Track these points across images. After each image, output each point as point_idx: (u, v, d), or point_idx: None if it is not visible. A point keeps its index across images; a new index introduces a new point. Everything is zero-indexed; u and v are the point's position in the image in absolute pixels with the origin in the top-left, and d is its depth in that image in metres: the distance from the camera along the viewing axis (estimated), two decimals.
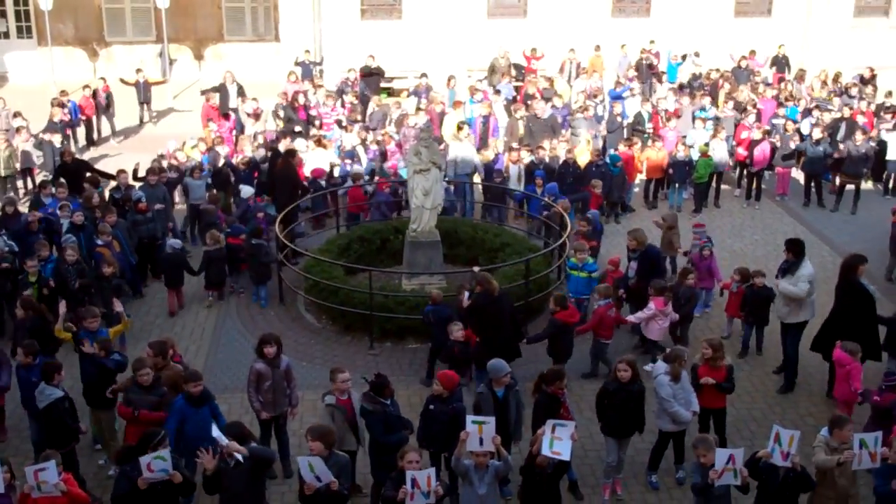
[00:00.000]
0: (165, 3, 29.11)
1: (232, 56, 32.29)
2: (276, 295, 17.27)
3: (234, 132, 23.65)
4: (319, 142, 21.71)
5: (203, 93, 25.13)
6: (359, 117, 23.89)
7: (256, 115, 23.94)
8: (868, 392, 12.77)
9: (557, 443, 10.00)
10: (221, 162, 20.64)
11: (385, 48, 28.51)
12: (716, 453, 9.96)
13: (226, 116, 24.31)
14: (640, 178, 22.52)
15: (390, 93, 28.69)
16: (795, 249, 14.39)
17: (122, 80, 27.56)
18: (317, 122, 23.90)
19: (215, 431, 9.94)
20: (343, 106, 24.93)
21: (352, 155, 21.49)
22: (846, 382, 13.09)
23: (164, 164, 20.34)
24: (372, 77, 27.13)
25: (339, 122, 23.53)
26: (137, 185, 19.00)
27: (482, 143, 22.82)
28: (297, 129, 23.53)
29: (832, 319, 14.38)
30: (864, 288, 14.38)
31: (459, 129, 21.59)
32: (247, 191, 19.43)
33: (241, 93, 25.51)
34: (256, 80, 27.95)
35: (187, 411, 11.17)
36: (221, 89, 25.37)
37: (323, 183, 20.57)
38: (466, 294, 14.44)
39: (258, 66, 30.85)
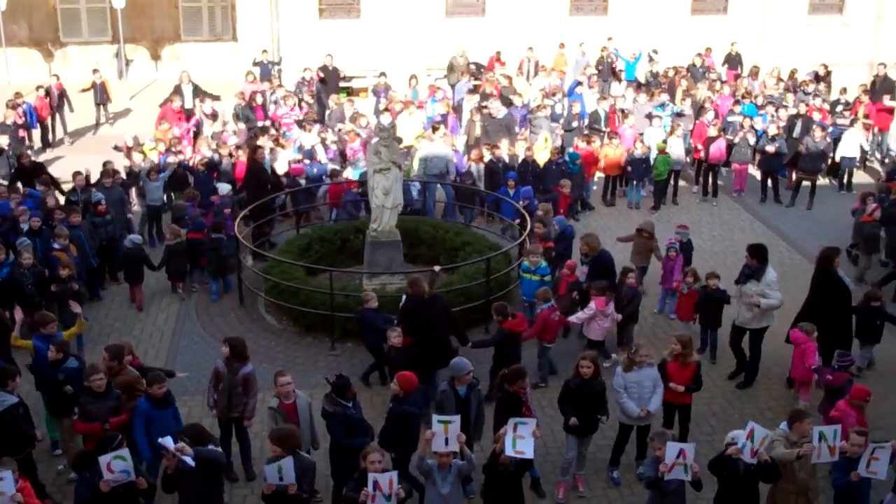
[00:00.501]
0: (121, 3, 28.83)
1: (189, 56, 32.03)
2: (236, 296, 17.18)
3: (191, 133, 23.45)
4: (277, 141, 21.59)
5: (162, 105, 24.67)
6: (315, 117, 23.77)
7: (214, 116, 23.78)
8: (822, 370, 13.16)
9: (520, 441, 10.03)
10: (172, 160, 20.49)
11: (344, 47, 28.42)
12: (666, 447, 10.03)
13: (185, 118, 24.11)
14: (599, 175, 22.64)
15: (349, 92, 28.62)
16: (759, 255, 14.24)
17: (83, 90, 27.22)
18: (276, 122, 23.77)
19: (166, 439, 9.85)
20: (301, 106, 24.82)
21: (310, 155, 21.39)
22: (802, 362, 13.54)
23: (130, 159, 20.25)
24: (330, 76, 27.01)
25: (298, 122, 23.43)
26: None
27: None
28: (260, 125, 23.40)
29: (807, 310, 14.69)
30: (840, 279, 14.75)
31: (435, 129, 21.66)
32: (223, 188, 19.49)
33: (197, 93, 25.33)
34: (214, 80, 27.74)
35: (151, 413, 11.14)
36: (177, 90, 25.17)
37: (302, 182, 20.58)
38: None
39: (216, 66, 30.62)
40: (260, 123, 23.53)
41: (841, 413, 11.75)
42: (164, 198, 20.02)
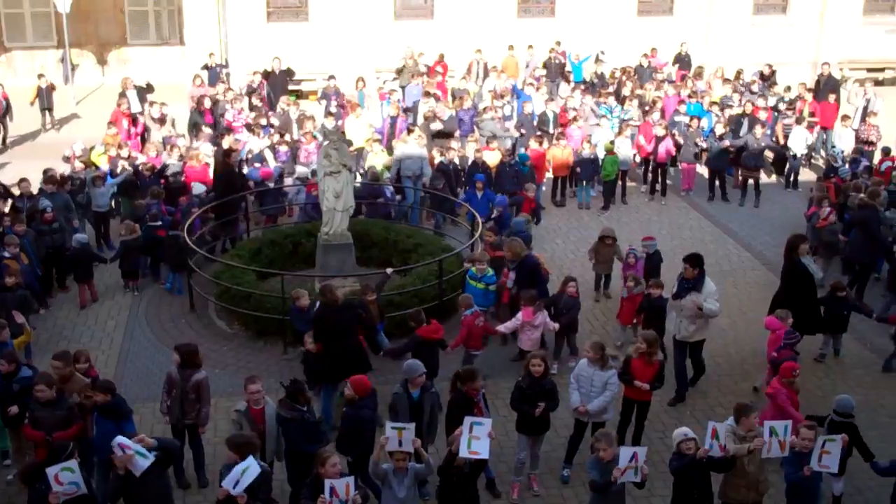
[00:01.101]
0: (66, 7, 28.47)
1: (136, 60, 31.74)
2: (186, 302, 17.05)
3: (139, 137, 23.24)
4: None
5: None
6: (263, 121, 23.66)
7: (162, 120, 23.57)
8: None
9: (475, 442, 10.05)
10: (120, 167, 20.27)
11: (292, 50, 28.29)
12: (620, 451, 10.11)
13: (132, 123, 23.87)
14: (548, 176, 22.77)
15: (299, 95, 28.51)
16: (697, 264, 14.09)
17: (31, 101, 26.89)
18: (226, 127, 23.60)
19: (118, 438, 9.75)
20: (251, 109, 24.70)
21: (260, 159, 21.28)
22: (774, 346, 13.83)
23: (72, 166, 19.99)
24: (278, 79, 26.89)
25: (248, 126, 23.29)
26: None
27: (389, 144, 22.80)
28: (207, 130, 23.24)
29: (778, 298, 15.10)
30: (804, 267, 15.06)
31: (410, 130, 21.61)
32: (198, 188, 19.64)
33: (142, 97, 25.10)
34: (162, 85, 27.49)
35: (100, 421, 11.06)
36: (122, 96, 24.93)
37: (271, 185, 20.55)
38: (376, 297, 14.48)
39: (163, 71, 30.37)
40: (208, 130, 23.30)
41: (774, 390, 12.26)
42: (112, 203, 19.80)
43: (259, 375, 11.74)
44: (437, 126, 23.05)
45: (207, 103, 24.38)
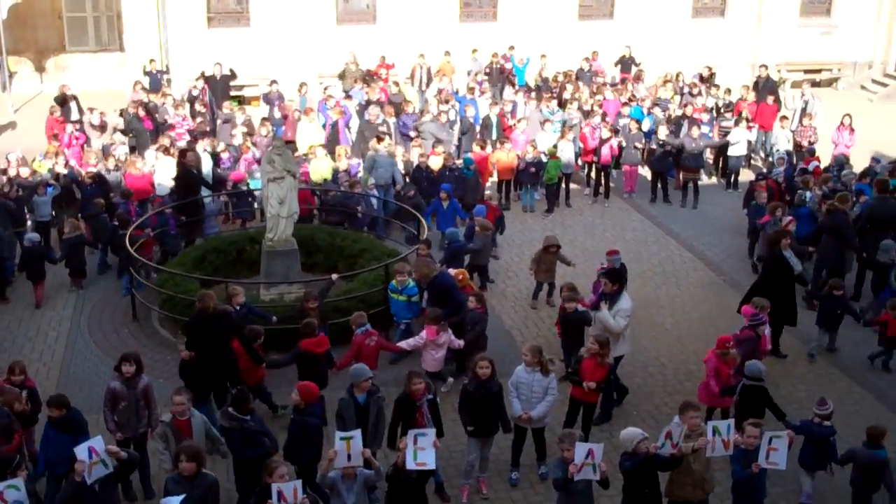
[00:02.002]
0: (3, 13, 28.03)
1: (75, 67, 31.36)
2: (129, 311, 16.84)
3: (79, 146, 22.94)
4: (167, 151, 21.27)
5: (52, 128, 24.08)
6: (207, 127, 23.51)
7: (102, 127, 23.29)
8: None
9: (421, 453, 10.07)
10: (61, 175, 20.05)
11: (234, 56, 28.11)
12: (575, 448, 10.16)
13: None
14: (493, 180, 22.87)
15: (241, 100, 28.35)
16: (618, 279, 14.08)
17: None
18: (169, 132, 23.40)
19: (90, 442, 9.66)
20: (193, 116, 24.50)
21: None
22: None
23: (8, 178, 19.68)
24: (220, 84, 26.71)
25: (190, 132, 23.12)
26: None
27: (331, 150, 22.72)
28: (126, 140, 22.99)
29: (755, 288, 15.54)
30: (785, 259, 15.73)
31: (380, 139, 21.33)
32: (162, 189, 19.95)
33: (78, 104, 24.83)
34: (102, 91, 27.19)
35: (50, 434, 10.97)
36: (60, 102, 24.61)
37: (245, 188, 20.62)
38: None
39: (103, 77, 30.04)
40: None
41: (707, 359, 13.34)
42: (52, 213, 19.58)
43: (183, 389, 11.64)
44: (382, 129, 23.05)
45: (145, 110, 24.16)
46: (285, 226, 16.51)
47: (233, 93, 27.63)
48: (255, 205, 20.31)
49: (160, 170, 20.67)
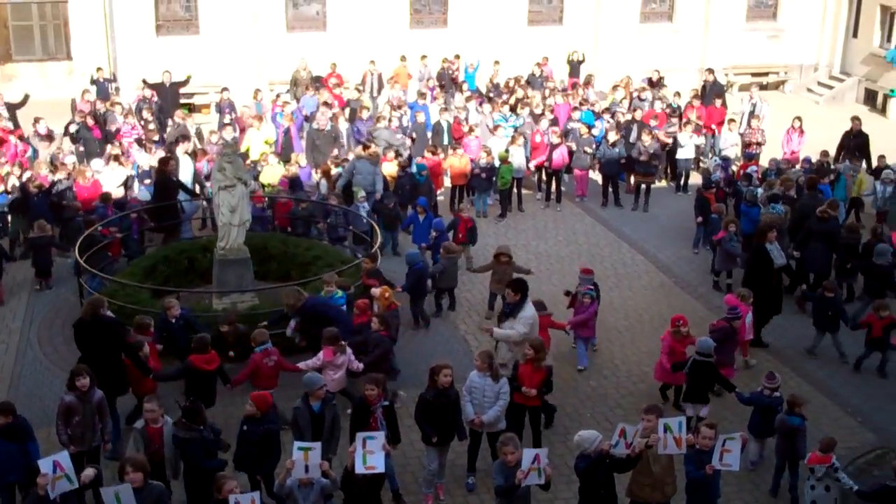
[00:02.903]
0: None
1: (22, 76, 30.87)
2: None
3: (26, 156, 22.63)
4: (117, 159, 21.08)
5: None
6: (156, 137, 23.32)
7: (49, 137, 23.01)
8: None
9: (370, 457, 10.05)
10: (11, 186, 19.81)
11: (183, 63, 27.87)
12: (522, 453, 10.20)
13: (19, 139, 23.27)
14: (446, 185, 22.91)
15: (191, 108, 28.15)
16: (521, 289, 13.70)
17: None
18: (116, 141, 23.18)
19: (56, 456, 9.57)
20: (142, 125, 24.27)
21: (149, 174, 20.95)
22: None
23: None
24: (169, 92, 26.49)
25: (139, 141, 22.92)
26: None
27: (285, 156, 22.65)
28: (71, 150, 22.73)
29: (745, 281, 16.27)
30: (766, 252, 16.09)
31: (365, 147, 21.06)
32: (143, 194, 19.84)
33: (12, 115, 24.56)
34: (49, 100, 26.86)
35: (1, 444, 10.84)
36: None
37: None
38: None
39: (50, 86, 29.66)
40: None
41: (663, 339, 14.32)
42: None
43: (156, 395, 11.59)
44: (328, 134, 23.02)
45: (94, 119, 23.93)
46: (237, 234, 16.42)
47: (183, 100, 27.40)
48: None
49: (108, 179, 20.46)
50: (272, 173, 21.26)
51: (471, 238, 19.06)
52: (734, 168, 22.80)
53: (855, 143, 23.21)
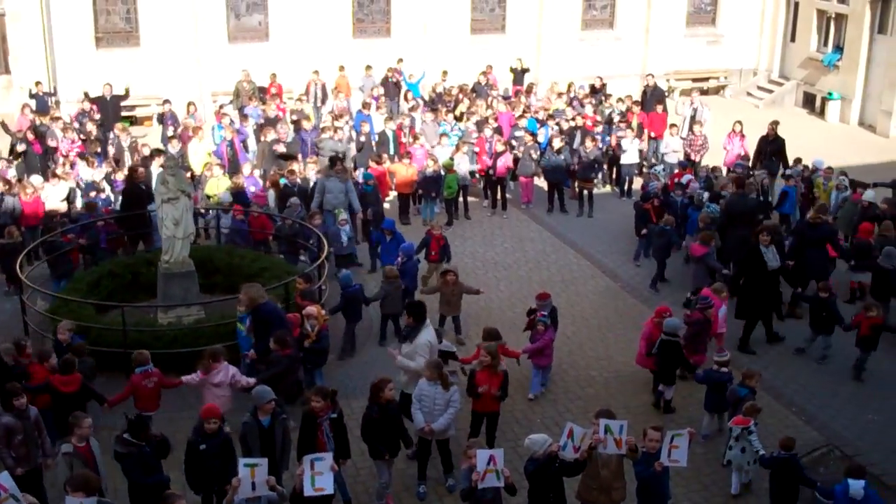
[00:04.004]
0: None
1: None
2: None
3: None
4: (55, 176, 20.80)
5: None
6: (99, 149, 23.05)
7: None
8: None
9: (319, 478, 10.01)
10: None
11: (124, 76, 27.64)
12: (477, 455, 10.23)
13: None
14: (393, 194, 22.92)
15: (133, 121, 27.87)
16: (415, 314, 13.43)
17: None
18: (57, 156, 22.89)
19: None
20: (84, 138, 23.99)
21: (94, 187, 20.72)
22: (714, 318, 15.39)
23: None
24: (110, 105, 26.20)
25: (80, 155, 22.65)
26: None
27: (232, 168, 22.50)
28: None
29: (734, 282, 16.74)
30: (760, 254, 16.31)
31: (333, 163, 20.64)
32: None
33: None
34: None
35: None
36: None
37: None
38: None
39: None
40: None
41: (645, 325, 15.02)
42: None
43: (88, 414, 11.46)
44: (280, 148, 22.91)
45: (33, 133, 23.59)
46: (181, 247, 16.28)
47: (124, 113, 27.12)
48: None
49: (51, 194, 20.20)
50: (217, 185, 21.10)
51: (443, 256, 18.60)
52: (666, 177, 22.77)
53: (772, 147, 23.58)
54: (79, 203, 20.36)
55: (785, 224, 20.24)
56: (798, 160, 22.71)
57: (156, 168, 20.41)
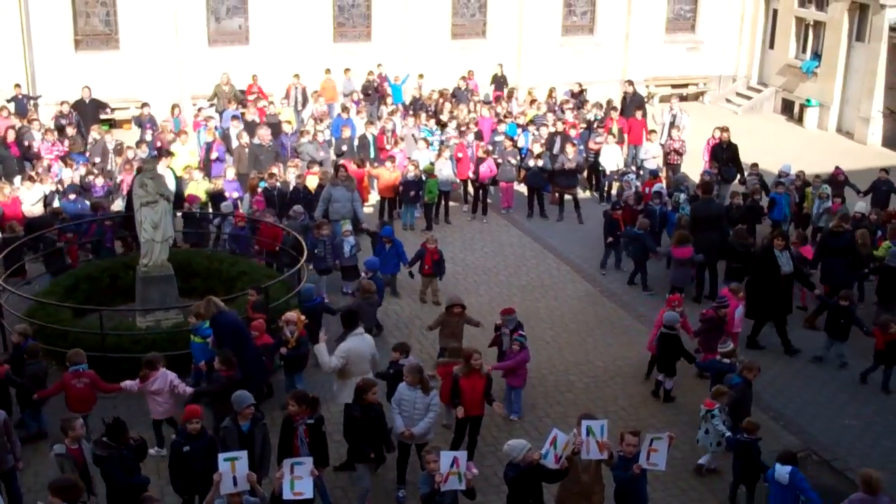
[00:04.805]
0: None
1: None
2: None
3: None
4: (31, 179, 20.68)
5: None
6: (80, 150, 22.94)
7: None
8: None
9: (298, 483, 10.00)
10: None
11: (104, 79, 27.54)
12: (440, 457, 10.24)
13: None
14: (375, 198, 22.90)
15: (112, 124, 27.74)
16: (345, 320, 13.56)
17: None
18: (36, 159, 22.75)
19: None
20: (62, 141, 23.87)
21: (75, 190, 20.61)
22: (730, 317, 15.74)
23: None
24: (88, 108, 26.07)
25: (61, 158, 22.54)
26: None
27: (206, 171, 22.45)
28: None
29: (749, 283, 16.93)
30: (774, 258, 16.53)
31: (337, 171, 20.14)
32: (72, 207, 19.87)
33: None
34: None
35: None
36: None
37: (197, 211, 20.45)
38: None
39: None
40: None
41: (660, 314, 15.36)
42: None
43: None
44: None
45: (12, 135, 23.43)
46: (160, 250, 16.21)
47: (103, 116, 26.98)
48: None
49: (27, 196, 20.09)
50: (196, 188, 21.03)
51: (437, 270, 18.35)
52: (638, 185, 22.71)
53: (727, 154, 23.74)
54: (56, 203, 20.20)
55: (777, 230, 20.25)
56: (754, 165, 22.87)
57: (162, 169, 20.31)
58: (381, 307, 17.06)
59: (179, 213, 19.76)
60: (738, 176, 23.19)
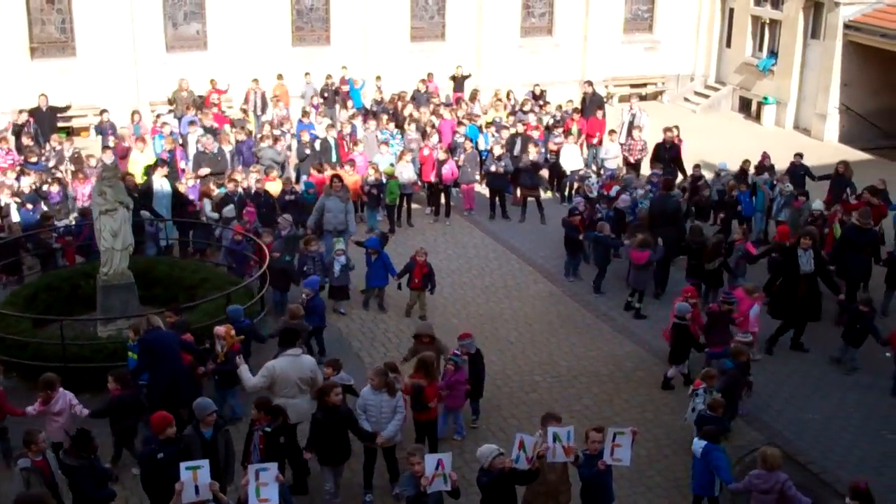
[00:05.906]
0: None
1: None
2: None
3: None
4: None
5: None
6: (33, 159, 22.70)
7: None
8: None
9: (263, 489, 9.94)
10: None
11: (60, 86, 27.28)
12: (425, 460, 10.26)
13: None
14: None
15: (69, 131, 27.47)
16: (283, 340, 13.45)
17: None
18: None
19: None
20: (19, 149, 23.61)
21: (32, 199, 20.37)
22: (745, 316, 16.04)
23: None
24: (45, 116, 25.80)
25: (22, 165, 22.29)
26: None
27: (174, 177, 22.27)
28: None
29: (768, 282, 17.15)
30: (796, 257, 16.56)
31: (332, 182, 19.85)
32: (27, 216, 19.71)
33: None
34: None
35: None
36: None
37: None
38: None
39: None
40: None
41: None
42: None
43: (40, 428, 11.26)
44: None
45: None
46: (120, 259, 16.05)
47: (61, 124, 26.73)
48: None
49: None
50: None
51: (426, 283, 17.90)
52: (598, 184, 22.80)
53: (669, 154, 23.95)
54: (14, 216, 19.96)
55: (745, 226, 20.83)
56: (697, 166, 23.07)
57: (157, 177, 20.32)
58: (368, 319, 17.60)
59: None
60: (681, 177, 23.38)
